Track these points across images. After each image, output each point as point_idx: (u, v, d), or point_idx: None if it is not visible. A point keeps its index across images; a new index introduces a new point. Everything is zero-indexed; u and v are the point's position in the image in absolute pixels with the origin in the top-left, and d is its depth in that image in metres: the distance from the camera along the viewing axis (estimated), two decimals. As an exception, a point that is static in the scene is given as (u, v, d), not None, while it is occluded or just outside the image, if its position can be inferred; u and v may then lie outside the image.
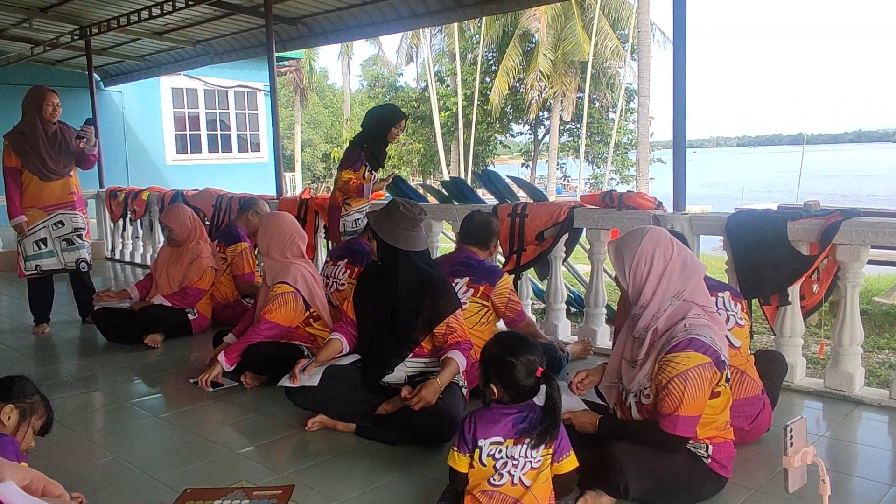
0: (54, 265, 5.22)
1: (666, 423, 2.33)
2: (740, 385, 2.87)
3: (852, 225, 3.41)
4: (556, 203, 4.76)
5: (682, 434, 2.33)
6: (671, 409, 2.32)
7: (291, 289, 3.86)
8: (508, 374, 2.23)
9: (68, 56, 10.28)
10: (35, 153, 4.99)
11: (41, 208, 5.11)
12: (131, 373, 4.34)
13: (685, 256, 2.50)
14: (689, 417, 2.32)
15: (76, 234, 5.25)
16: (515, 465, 2.18)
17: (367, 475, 2.79)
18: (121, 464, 2.96)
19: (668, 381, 2.32)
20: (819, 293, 3.78)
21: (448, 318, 3.15)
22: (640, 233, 2.53)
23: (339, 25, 7.41)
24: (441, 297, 3.18)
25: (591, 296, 4.57)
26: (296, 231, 4.11)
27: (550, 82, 28.54)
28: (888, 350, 5.95)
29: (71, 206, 5.21)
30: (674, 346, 2.34)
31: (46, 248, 5.17)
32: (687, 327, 2.36)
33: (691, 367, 2.30)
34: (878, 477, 2.71)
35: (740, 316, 3.01)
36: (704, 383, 2.31)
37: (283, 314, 3.85)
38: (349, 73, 41.60)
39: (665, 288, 2.43)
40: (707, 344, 2.33)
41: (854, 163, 69.09)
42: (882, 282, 8.89)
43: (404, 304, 3.18)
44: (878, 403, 3.41)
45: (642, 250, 2.46)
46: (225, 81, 14.61)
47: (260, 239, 4.12)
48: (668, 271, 2.44)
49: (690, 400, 2.30)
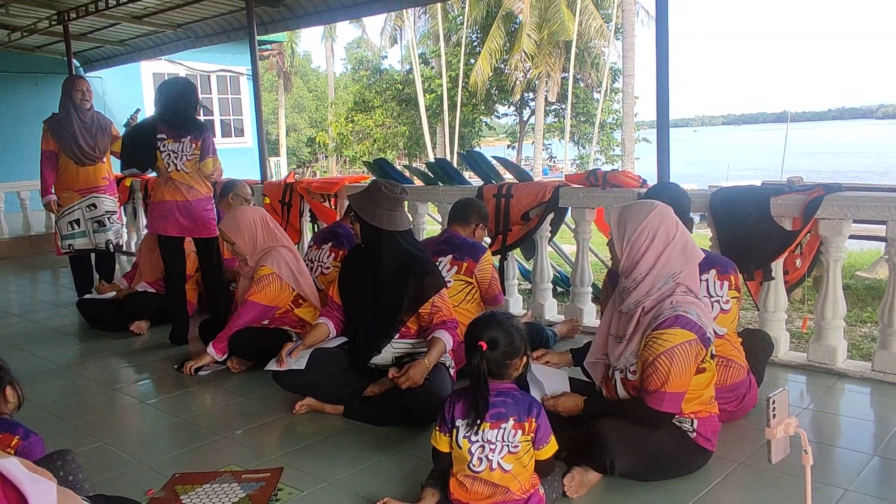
0: (86, 245, 5.53)
1: (652, 399, 2.35)
2: (726, 372, 2.87)
3: (834, 200, 3.43)
4: (540, 183, 4.76)
5: (669, 410, 2.35)
6: (658, 386, 2.33)
7: (273, 271, 3.85)
8: (466, 348, 2.26)
9: (47, 42, 10.11)
10: (71, 138, 5.26)
11: (76, 191, 5.40)
12: (118, 359, 4.32)
13: (687, 239, 2.49)
14: (675, 394, 2.33)
15: (107, 217, 5.54)
16: (493, 450, 2.18)
17: (355, 456, 2.80)
18: (108, 450, 2.95)
19: (654, 357, 2.33)
20: (802, 268, 3.81)
21: (433, 298, 3.15)
22: (650, 206, 2.49)
23: (321, 7, 7.32)
24: (425, 276, 3.17)
25: (577, 275, 4.59)
26: (260, 218, 4.03)
27: (535, 63, 28.40)
28: (870, 324, 6.01)
29: (103, 189, 5.52)
30: (660, 322, 2.35)
31: (79, 229, 5.47)
32: (674, 304, 2.37)
33: (677, 344, 2.31)
34: (860, 447, 2.75)
35: (727, 298, 2.92)
36: (690, 360, 2.33)
37: (267, 295, 3.84)
38: (333, 56, 41.25)
39: (662, 266, 2.41)
40: (693, 321, 2.34)
41: (836, 139, 69.55)
42: (865, 256, 8.98)
43: (389, 285, 3.17)
44: (861, 376, 3.45)
45: (648, 222, 2.43)
46: (207, 66, 14.45)
47: (235, 239, 3.97)
48: (669, 250, 2.42)
49: (677, 376, 2.31)
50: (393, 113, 33.01)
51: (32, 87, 10.91)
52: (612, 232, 2.54)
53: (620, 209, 2.54)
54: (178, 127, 4.33)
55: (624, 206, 2.56)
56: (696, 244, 2.55)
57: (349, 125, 33.10)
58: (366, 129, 32.73)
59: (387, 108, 32.97)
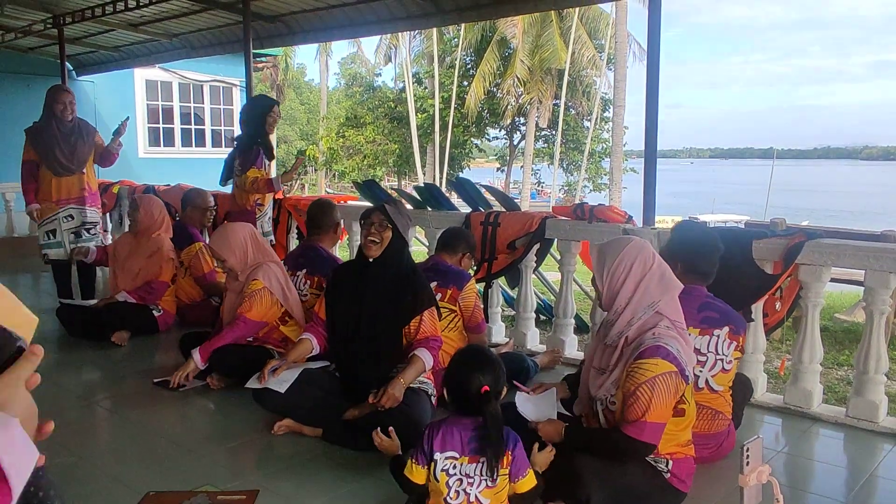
0: (60, 255, 5.50)
1: (632, 429, 2.35)
2: (712, 423, 2.91)
3: (815, 246, 3.49)
4: (528, 213, 4.80)
5: (649, 440, 2.35)
6: (638, 415, 2.34)
7: (264, 285, 3.84)
8: (454, 384, 2.26)
9: (41, 44, 10.08)
10: (49, 150, 5.25)
11: (53, 202, 5.37)
12: (97, 371, 4.28)
13: (664, 269, 2.54)
14: (655, 424, 2.35)
15: (84, 228, 5.49)
16: (471, 484, 2.18)
17: (332, 481, 2.80)
18: (82, 464, 2.92)
19: (636, 387, 2.34)
20: (781, 311, 3.86)
21: (423, 312, 3.18)
22: (626, 239, 2.59)
23: (317, 25, 7.37)
24: (421, 289, 3.22)
25: (560, 306, 4.62)
26: (250, 235, 4.03)
27: (527, 88, 28.64)
28: (847, 367, 6.08)
29: (82, 201, 5.45)
30: (641, 352, 2.38)
31: (55, 239, 5.45)
32: (655, 335, 2.40)
33: (658, 374, 2.33)
34: (831, 493, 2.78)
35: (730, 359, 2.92)
36: (671, 391, 2.35)
37: (259, 311, 3.83)
38: (327, 70, 41.40)
39: (641, 295, 2.47)
40: (673, 354, 2.37)
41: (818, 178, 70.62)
42: (844, 299, 9.09)
43: (390, 299, 3.20)
44: (835, 420, 3.50)
45: (625, 254, 2.51)
46: (200, 76, 14.43)
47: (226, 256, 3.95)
48: (647, 279, 2.47)
49: (657, 406, 2.33)
50: (384, 130, 33.06)
51: (24, 88, 10.84)
52: (594, 268, 2.61)
53: (598, 246, 2.65)
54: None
55: (601, 244, 2.68)
56: (674, 276, 2.60)
57: (340, 140, 33.13)
58: (356, 145, 32.75)
59: (378, 126, 33.04)
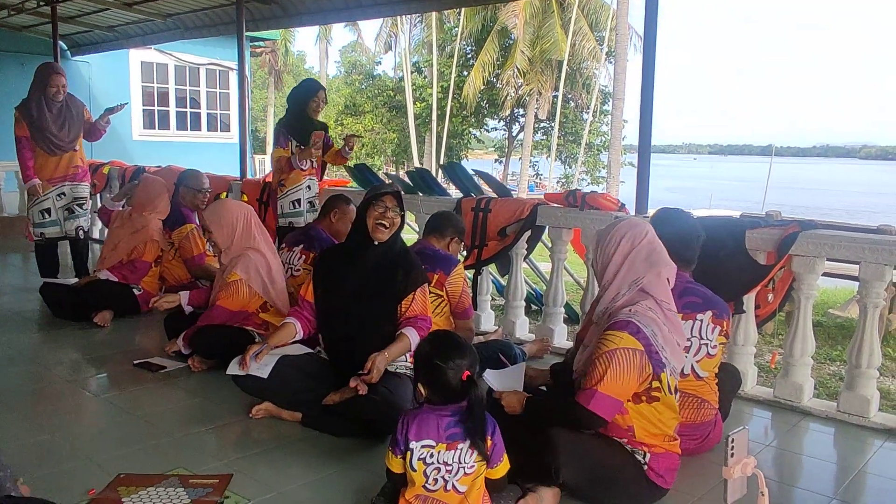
0: (56, 233, 5.52)
1: (582, 396, 2.33)
2: (698, 412, 2.84)
3: (809, 237, 3.42)
4: (519, 200, 4.74)
5: (596, 411, 2.29)
6: (591, 384, 2.31)
7: (240, 278, 3.77)
8: (434, 375, 2.17)
9: (34, 22, 9.96)
10: (41, 129, 5.22)
11: (47, 180, 5.35)
12: (77, 351, 4.22)
13: (655, 247, 2.51)
14: (606, 396, 2.29)
15: (76, 203, 5.50)
16: (449, 471, 2.13)
17: (308, 466, 2.74)
18: (56, 443, 2.87)
19: (596, 357, 2.33)
20: (773, 303, 3.80)
21: (416, 291, 3.10)
22: (622, 217, 2.64)
23: (313, 7, 7.27)
24: (415, 268, 3.15)
25: (550, 294, 4.55)
26: (244, 217, 3.93)
27: (527, 79, 28.52)
28: (839, 362, 6.03)
29: (74, 177, 5.46)
30: (611, 324, 2.37)
31: (50, 218, 5.43)
32: (631, 311, 2.37)
33: (620, 348, 2.30)
34: (819, 488, 2.72)
35: (714, 343, 2.85)
36: (631, 368, 2.29)
37: (234, 301, 3.78)
38: (327, 58, 41.15)
39: (627, 270, 2.45)
40: (644, 333, 2.32)
41: (816, 176, 70.76)
42: (838, 294, 9.04)
43: (381, 278, 3.12)
44: (826, 415, 3.44)
45: (617, 229, 2.54)
46: (196, 58, 14.31)
47: (214, 229, 3.88)
48: (634, 254, 2.46)
49: (612, 379, 2.28)
50: (383, 119, 32.95)
51: (17, 66, 10.72)
52: (592, 249, 2.63)
53: (598, 230, 2.67)
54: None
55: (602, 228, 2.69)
56: (668, 256, 2.54)
57: (338, 128, 33.03)
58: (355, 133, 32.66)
59: (377, 114, 32.92)
